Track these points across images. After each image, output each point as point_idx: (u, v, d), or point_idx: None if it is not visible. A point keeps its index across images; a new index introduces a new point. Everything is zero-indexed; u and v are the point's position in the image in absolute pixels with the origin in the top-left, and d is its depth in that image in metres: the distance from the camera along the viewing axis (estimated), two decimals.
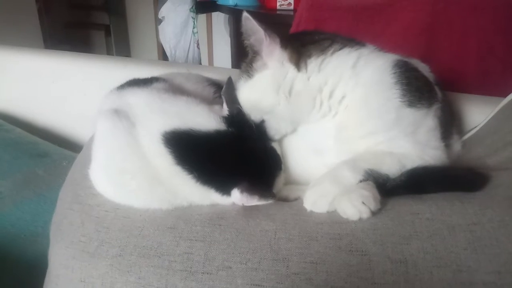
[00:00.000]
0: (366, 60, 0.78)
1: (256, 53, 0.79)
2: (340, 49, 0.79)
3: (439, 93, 0.82)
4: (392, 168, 0.73)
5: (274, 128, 0.79)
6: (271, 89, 0.78)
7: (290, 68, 0.78)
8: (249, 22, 0.76)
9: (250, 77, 0.79)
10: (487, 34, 1.30)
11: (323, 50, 0.79)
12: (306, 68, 0.78)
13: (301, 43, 0.80)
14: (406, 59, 0.81)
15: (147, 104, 0.76)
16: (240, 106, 0.79)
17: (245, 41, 0.79)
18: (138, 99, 0.77)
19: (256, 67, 0.79)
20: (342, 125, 0.78)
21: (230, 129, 0.73)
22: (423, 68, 0.85)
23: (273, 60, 0.78)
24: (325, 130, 0.80)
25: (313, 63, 0.78)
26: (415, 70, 0.79)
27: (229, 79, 0.82)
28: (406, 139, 0.75)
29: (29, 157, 1.10)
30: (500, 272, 0.60)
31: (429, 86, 0.80)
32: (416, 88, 0.75)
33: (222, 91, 0.79)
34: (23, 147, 1.13)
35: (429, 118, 0.77)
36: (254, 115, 0.79)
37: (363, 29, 0.80)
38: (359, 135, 0.76)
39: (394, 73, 0.75)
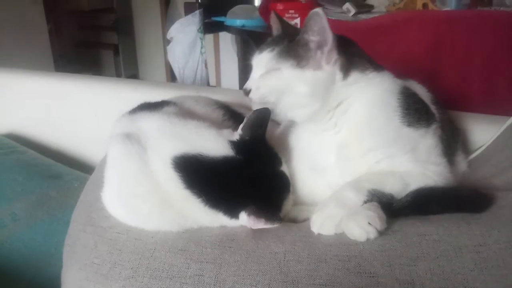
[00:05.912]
0: (381, 84, 0.81)
1: (308, 45, 0.77)
2: (373, 71, 0.81)
3: (436, 113, 0.85)
4: (395, 186, 0.74)
5: (277, 112, 0.80)
6: (319, 92, 0.78)
7: (339, 76, 0.79)
8: (320, 20, 0.74)
9: (300, 66, 0.77)
10: (491, 52, 1.31)
11: (364, 68, 0.80)
12: (348, 79, 0.79)
13: (351, 53, 0.80)
14: (407, 83, 0.84)
15: (157, 128, 0.77)
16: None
17: (305, 35, 0.76)
18: (149, 123, 0.79)
19: (308, 58, 0.77)
20: (344, 142, 0.79)
21: (238, 155, 0.75)
22: (420, 89, 0.89)
23: (329, 65, 0.78)
24: (326, 146, 0.81)
25: (354, 76, 0.79)
26: (414, 94, 0.83)
27: (266, 110, 0.78)
28: (406, 157, 0.77)
29: (42, 178, 1.11)
30: None
31: (426, 108, 0.83)
32: (415, 111, 0.79)
33: (248, 116, 0.78)
34: (36, 169, 1.14)
35: (428, 136, 0.79)
36: (271, 96, 0.78)
37: (370, 50, 0.81)
38: (360, 152, 0.78)
39: (399, 98, 0.79)
